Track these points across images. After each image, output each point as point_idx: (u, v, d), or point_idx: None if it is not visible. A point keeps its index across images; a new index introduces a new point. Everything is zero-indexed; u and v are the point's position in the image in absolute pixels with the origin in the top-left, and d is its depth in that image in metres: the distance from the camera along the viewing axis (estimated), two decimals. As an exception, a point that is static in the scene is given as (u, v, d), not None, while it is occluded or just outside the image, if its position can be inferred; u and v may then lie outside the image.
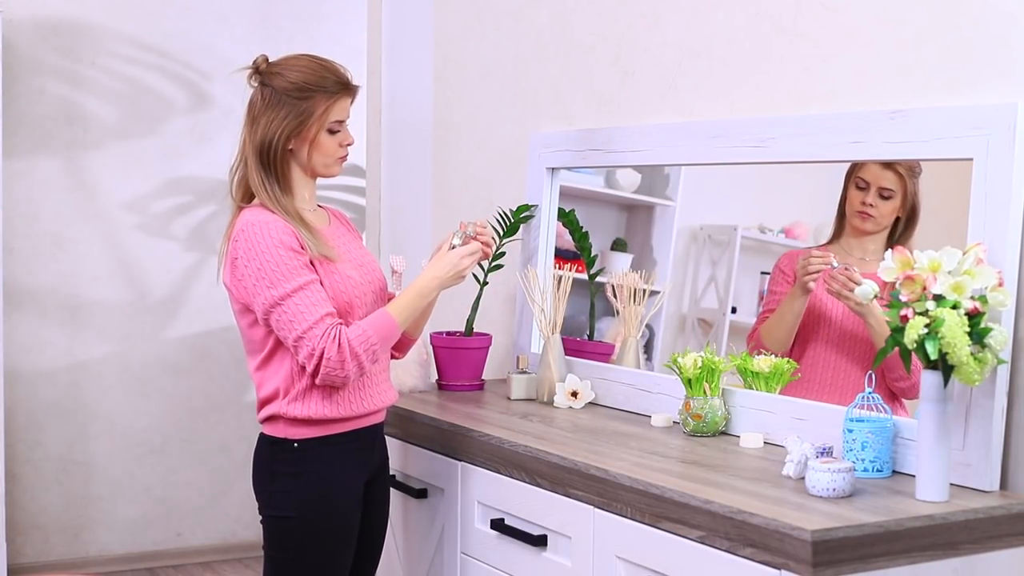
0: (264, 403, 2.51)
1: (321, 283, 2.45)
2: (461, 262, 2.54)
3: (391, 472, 2.92)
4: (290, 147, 2.50)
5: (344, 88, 2.51)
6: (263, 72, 2.51)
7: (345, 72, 2.53)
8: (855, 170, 2.54)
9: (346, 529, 2.52)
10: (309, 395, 2.46)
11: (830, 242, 2.63)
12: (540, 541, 2.45)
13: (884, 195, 2.51)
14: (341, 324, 2.42)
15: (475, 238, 2.61)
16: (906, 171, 2.47)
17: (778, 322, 2.67)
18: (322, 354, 2.38)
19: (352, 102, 2.57)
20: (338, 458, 2.50)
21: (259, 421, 2.54)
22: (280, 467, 2.51)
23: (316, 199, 2.62)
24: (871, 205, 2.52)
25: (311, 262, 2.45)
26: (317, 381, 2.42)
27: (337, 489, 2.49)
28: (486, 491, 2.65)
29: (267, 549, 2.55)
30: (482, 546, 2.65)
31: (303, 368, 2.43)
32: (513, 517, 2.55)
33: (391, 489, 2.77)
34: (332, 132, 2.51)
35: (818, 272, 2.59)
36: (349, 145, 2.55)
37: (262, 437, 2.55)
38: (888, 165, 2.47)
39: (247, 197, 2.55)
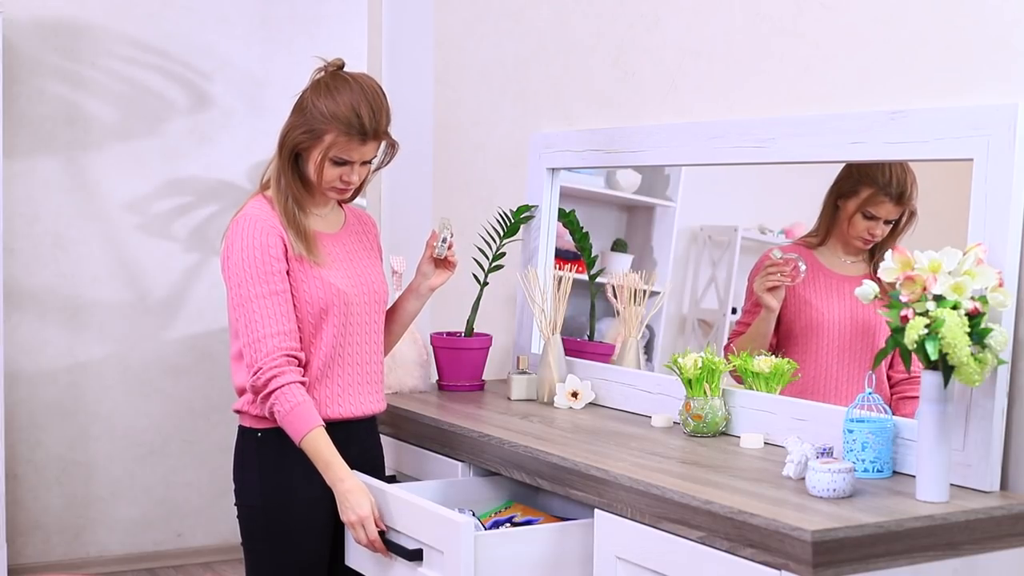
0: (238, 393, 2.58)
1: (293, 292, 2.49)
2: (350, 510, 2.42)
3: (390, 472, 2.92)
4: (299, 154, 2.54)
5: (360, 135, 2.47)
6: (327, 75, 2.54)
7: (376, 121, 2.48)
8: (863, 202, 2.53)
9: (311, 521, 2.52)
10: None
11: (819, 245, 2.65)
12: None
13: (888, 222, 2.54)
14: (293, 363, 2.45)
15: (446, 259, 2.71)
16: (912, 201, 2.48)
17: (750, 343, 2.70)
18: (259, 371, 2.43)
19: (380, 150, 2.54)
20: (296, 451, 2.49)
21: (233, 410, 2.60)
22: (248, 457, 2.57)
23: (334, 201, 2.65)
24: (877, 234, 2.55)
25: (288, 266, 2.49)
26: (248, 386, 2.49)
27: (299, 480, 2.50)
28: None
29: (242, 541, 2.60)
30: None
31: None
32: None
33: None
34: (337, 164, 2.50)
35: (778, 287, 2.63)
36: (348, 183, 2.53)
37: (238, 426, 2.60)
38: (900, 200, 2.49)
39: (267, 185, 2.60)
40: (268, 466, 2.52)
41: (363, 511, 2.40)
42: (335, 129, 2.46)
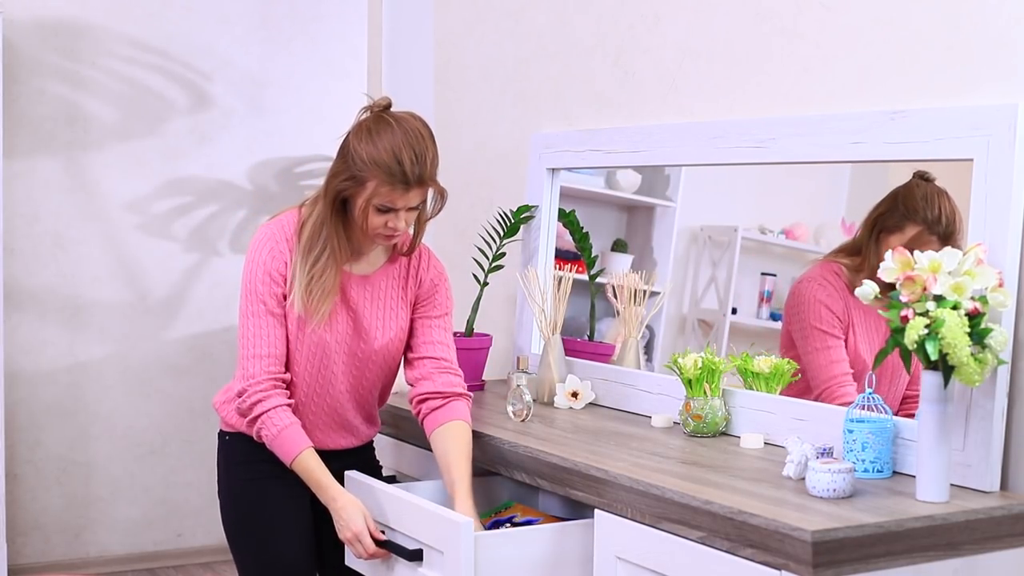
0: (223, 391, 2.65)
1: (285, 316, 2.48)
2: (344, 527, 2.39)
3: (389, 473, 2.92)
4: (346, 199, 2.47)
5: (403, 183, 2.39)
6: (371, 116, 2.46)
7: (420, 167, 2.39)
8: (910, 241, 2.38)
9: (273, 529, 2.52)
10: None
11: (861, 265, 2.56)
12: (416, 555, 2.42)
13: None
14: (279, 387, 2.45)
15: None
16: (958, 239, 2.33)
17: None
18: (244, 394, 2.44)
19: (425, 197, 2.47)
20: (263, 458, 2.51)
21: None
22: (220, 458, 2.62)
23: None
24: None
25: (286, 291, 2.47)
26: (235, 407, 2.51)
27: (259, 486, 2.52)
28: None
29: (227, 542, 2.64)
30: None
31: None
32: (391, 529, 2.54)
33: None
34: (382, 211, 2.43)
35: None
36: (395, 230, 2.45)
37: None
38: (947, 239, 2.35)
39: (305, 202, 2.54)
40: (232, 469, 2.56)
41: (357, 526, 2.38)
42: (376, 177, 2.38)
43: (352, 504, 2.41)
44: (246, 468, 2.54)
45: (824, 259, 2.62)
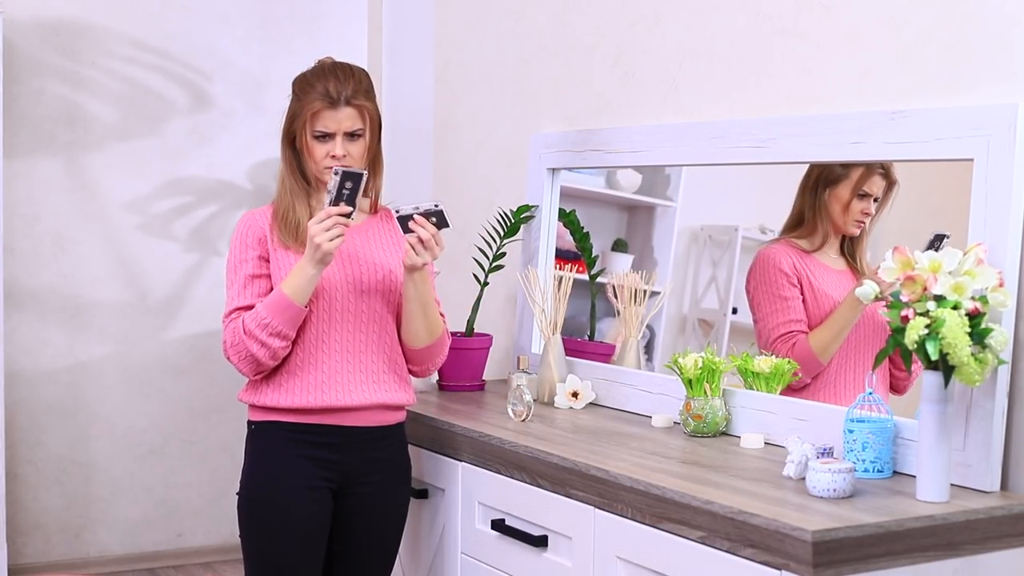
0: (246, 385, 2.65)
1: (275, 279, 2.53)
2: (313, 239, 2.42)
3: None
4: (296, 145, 2.60)
5: (328, 99, 2.51)
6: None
7: (342, 86, 2.52)
8: (857, 182, 2.53)
9: (285, 519, 2.51)
10: (257, 380, 2.56)
11: (818, 249, 2.63)
12: (540, 542, 2.45)
13: (875, 199, 2.55)
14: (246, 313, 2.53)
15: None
16: (893, 171, 2.50)
17: (838, 335, 2.59)
18: (224, 342, 2.52)
19: (364, 125, 2.55)
20: (285, 445, 2.53)
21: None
22: (246, 446, 2.62)
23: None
24: (871, 213, 2.56)
25: (269, 255, 2.55)
26: (239, 368, 2.53)
27: (276, 475, 2.52)
28: (486, 492, 2.65)
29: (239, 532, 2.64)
30: (482, 546, 2.65)
31: None
32: (513, 517, 2.55)
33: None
34: (320, 139, 2.54)
35: None
36: (336, 158, 2.53)
37: None
38: (887, 172, 2.50)
39: None
40: (253, 457, 2.57)
41: (312, 242, 2.41)
42: (307, 103, 2.52)
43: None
44: (271, 459, 2.53)
45: (774, 241, 2.72)
